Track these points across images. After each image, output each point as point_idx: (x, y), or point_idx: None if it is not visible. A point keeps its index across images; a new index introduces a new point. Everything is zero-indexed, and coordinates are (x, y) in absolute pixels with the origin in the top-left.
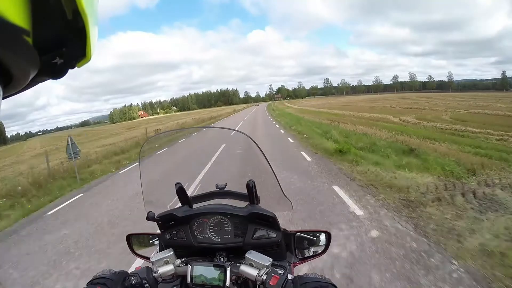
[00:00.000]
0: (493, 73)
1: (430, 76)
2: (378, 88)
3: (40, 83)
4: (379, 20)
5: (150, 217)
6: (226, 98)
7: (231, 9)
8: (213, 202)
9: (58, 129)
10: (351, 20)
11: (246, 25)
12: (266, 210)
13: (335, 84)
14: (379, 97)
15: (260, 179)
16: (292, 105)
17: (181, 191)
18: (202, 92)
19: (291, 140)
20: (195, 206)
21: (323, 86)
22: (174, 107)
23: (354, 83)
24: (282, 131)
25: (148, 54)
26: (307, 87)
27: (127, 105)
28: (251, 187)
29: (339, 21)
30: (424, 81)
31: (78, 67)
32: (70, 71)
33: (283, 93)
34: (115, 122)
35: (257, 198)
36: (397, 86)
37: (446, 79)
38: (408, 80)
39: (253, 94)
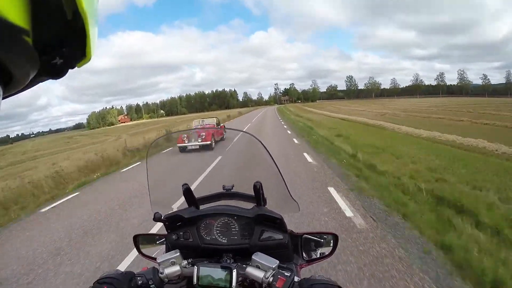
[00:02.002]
0: (496, 78)
1: (485, 76)
2: (418, 90)
3: (40, 84)
4: (384, 22)
5: (157, 218)
6: (222, 100)
7: (232, 8)
8: (220, 204)
9: (52, 131)
10: (355, 22)
11: (248, 26)
12: (273, 212)
13: (360, 85)
14: (452, 101)
15: (267, 180)
16: (350, 116)
17: (187, 192)
18: (195, 93)
19: None
20: (202, 207)
21: (344, 88)
22: (162, 111)
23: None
24: None
25: (148, 54)
26: (303, 88)
27: (107, 107)
28: (258, 188)
29: (343, 23)
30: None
31: (78, 67)
32: (70, 71)
33: (292, 95)
34: (93, 128)
35: (264, 200)
36: (443, 89)
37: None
38: (458, 83)
39: (254, 96)
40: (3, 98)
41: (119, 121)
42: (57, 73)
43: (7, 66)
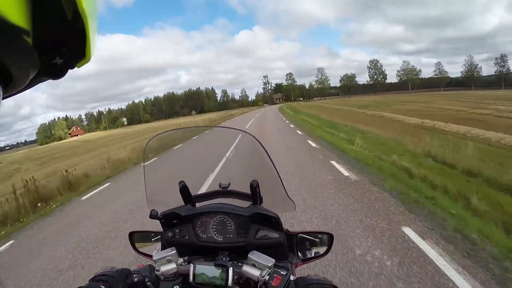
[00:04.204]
0: (484, 70)
1: None
2: (472, 81)
3: (22, 93)
4: (372, 17)
5: (153, 215)
6: (196, 102)
7: (216, 6)
8: (216, 201)
9: (28, 143)
10: (343, 18)
11: (233, 25)
12: (269, 211)
13: (390, 77)
14: None
15: (263, 179)
16: None
17: (184, 190)
18: (164, 95)
19: None
20: (198, 205)
21: (368, 80)
22: (124, 119)
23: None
24: None
25: (131, 58)
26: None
27: (59, 117)
28: (254, 187)
29: (331, 19)
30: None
31: (78, 67)
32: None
33: (289, 91)
34: (41, 144)
35: (260, 198)
36: (506, 79)
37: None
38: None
39: (237, 96)
40: (3, 98)
41: (69, 134)
42: (57, 73)
43: (7, 66)
